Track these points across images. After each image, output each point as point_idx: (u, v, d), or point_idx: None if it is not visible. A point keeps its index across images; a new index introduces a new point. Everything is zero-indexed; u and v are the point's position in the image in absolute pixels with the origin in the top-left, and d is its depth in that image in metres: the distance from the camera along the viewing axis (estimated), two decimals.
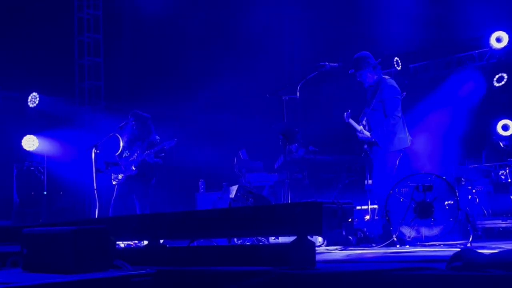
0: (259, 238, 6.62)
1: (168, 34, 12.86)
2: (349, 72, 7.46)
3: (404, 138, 7.35)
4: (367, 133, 7.31)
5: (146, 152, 8.45)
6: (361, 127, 7.36)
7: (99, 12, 13.45)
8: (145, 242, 4.63)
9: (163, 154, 8.56)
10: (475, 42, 11.82)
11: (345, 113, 7.40)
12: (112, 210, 8.55)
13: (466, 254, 2.86)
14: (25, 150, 12.07)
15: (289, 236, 4.18)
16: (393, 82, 7.49)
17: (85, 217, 11.71)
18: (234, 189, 7.92)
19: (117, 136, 8.79)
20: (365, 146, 7.48)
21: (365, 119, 7.42)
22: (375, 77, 7.47)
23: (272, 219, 3.86)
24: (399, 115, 7.33)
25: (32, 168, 12.13)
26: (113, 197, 8.63)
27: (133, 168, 8.53)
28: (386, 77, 7.60)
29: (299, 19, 13.62)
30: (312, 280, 3.20)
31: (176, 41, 12.94)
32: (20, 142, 12.00)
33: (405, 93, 9.57)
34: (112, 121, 10.72)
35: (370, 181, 8.84)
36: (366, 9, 12.23)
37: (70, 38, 13.24)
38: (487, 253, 2.96)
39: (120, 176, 8.64)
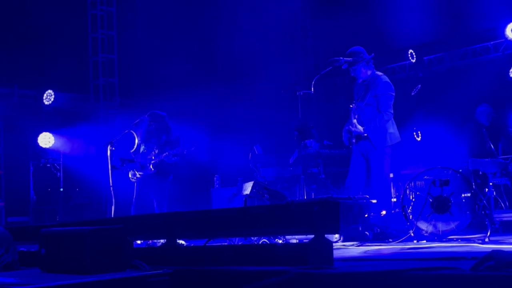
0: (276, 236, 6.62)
1: (181, 29, 12.85)
2: (343, 67, 7.48)
3: (394, 133, 7.45)
4: (360, 128, 7.34)
5: (165, 153, 8.47)
6: (355, 120, 7.39)
7: (112, 9, 13.48)
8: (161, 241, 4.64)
9: (180, 153, 8.55)
10: (490, 33, 11.73)
11: (351, 106, 7.49)
12: (134, 208, 8.56)
13: (496, 254, 2.83)
14: (41, 147, 12.13)
15: (306, 235, 4.16)
16: (387, 79, 7.57)
17: (102, 214, 11.79)
18: (249, 185, 7.89)
19: (132, 133, 8.80)
20: (353, 140, 7.51)
21: (357, 114, 7.44)
22: (369, 72, 7.55)
23: (289, 218, 3.84)
24: (392, 111, 7.41)
25: (48, 165, 12.21)
26: (134, 196, 8.62)
27: (152, 168, 8.56)
28: (379, 73, 7.64)
29: (313, 13, 13.57)
30: (330, 280, 3.18)
31: (189, 36, 12.93)
32: (36, 139, 12.07)
33: (420, 85, 9.54)
34: (127, 118, 10.76)
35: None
36: (379, 2, 12.16)
37: (83, 35, 13.28)
38: None
39: (138, 174, 8.66)
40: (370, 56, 7.50)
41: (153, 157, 8.57)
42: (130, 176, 8.69)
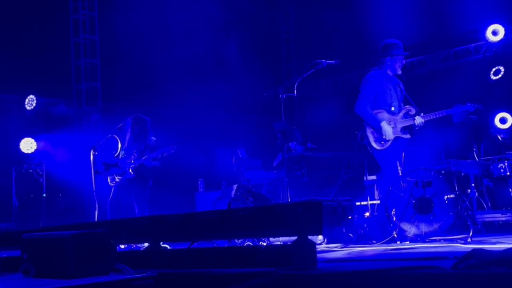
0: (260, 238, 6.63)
1: (165, 34, 12.83)
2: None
3: None
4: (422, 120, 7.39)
5: (144, 157, 8.47)
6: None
7: (94, 13, 13.42)
8: (146, 245, 4.63)
9: (160, 156, 8.57)
10: (471, 36, 11.84)
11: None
12: (109, 212, 8.56)
13: (477, 253, 2.86)
14: (23, 153, 12.03)
15: (289, 236, 4.17)
16: None
17: (85, 219, 11.72)
18: (233, 188, 7.92)
19: (115, 138, 8.78)
20: (408, 136, 7.47)
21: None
22: None
23: (273, 220, 3.85)
24: None
25: (31, 170, 12.10)
26: (109, 199, 8.63)
27: (131, 172, 8.54)
28: None
29: (296, 16, 13.61)
30: (313, 281, 3.20)
31: (173, 41, 12.91)
32: (18, 145, 11.98)
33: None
34: (110, 122, 10.71)
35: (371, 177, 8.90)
36: (361, 4, 12.22)
37: (66, 40, 13.20)
38: (497, 250, 2.95)
39: (117, 178, 8.65)
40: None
41: (132, 161, 8.56)
42: (108, 180, 8.68)
